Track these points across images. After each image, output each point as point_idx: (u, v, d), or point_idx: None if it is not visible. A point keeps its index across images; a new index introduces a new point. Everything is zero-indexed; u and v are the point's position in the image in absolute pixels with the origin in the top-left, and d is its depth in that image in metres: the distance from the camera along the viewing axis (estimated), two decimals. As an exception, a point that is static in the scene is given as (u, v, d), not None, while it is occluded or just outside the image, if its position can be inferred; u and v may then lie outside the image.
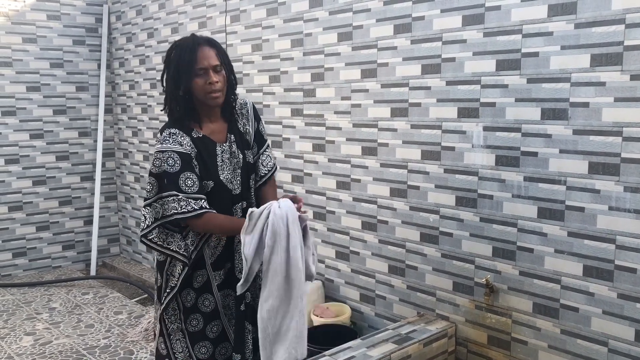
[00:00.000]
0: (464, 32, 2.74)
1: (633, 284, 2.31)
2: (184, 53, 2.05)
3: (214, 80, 2.06)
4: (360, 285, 3.44)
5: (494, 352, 2.81)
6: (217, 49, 2.11)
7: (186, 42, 2.09)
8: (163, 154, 2.04)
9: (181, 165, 2.03)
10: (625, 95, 2.25)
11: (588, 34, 2.33)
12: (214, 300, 2.23)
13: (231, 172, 2.17)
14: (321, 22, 3.42)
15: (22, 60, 5.03)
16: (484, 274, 2.78)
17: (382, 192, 3.23)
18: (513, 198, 2.64)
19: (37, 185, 5.21)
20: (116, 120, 5.58)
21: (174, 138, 2.06)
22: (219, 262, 2.22)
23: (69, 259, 5.44)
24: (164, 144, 2.05)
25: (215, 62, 2.08)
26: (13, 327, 3.99)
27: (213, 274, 2.21)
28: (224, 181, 2.13)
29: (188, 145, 2.08)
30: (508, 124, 2.62)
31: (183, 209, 2.02)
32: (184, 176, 2.03)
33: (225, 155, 2.15)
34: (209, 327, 2.25)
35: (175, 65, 2.07)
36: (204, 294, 2.22)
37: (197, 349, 2.24)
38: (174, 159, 2.03)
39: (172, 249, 2.13)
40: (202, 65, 2.05)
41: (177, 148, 2.05)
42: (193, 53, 2.05)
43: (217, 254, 2.21)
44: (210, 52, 2.08)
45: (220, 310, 2.25)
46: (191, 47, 2.06)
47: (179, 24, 4.55)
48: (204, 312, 2.23)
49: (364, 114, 3.26)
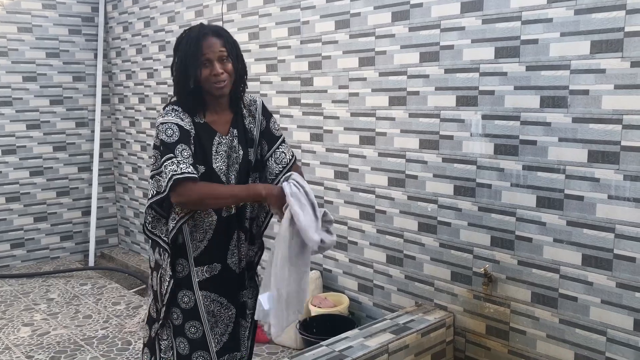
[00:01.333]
0: (463, 19, 2.70)
1: (632, 273, 2.29)
2: (190, 43, 2.04)
3: (218, 71, 2.04)
4: (359, 275, 3.43)
5: (493, 342, 2.80)
6: (224, 38, 2.08)
7: (193, 32, 2.07)
8: (163, 125, 2.03)
9: (179, 137, 2.01)
10: (625, 82, 2.22)
11: (588, 20, 2.29)
12: (193, 297, 2.13)
13: (226, 165, 2.13)
14: (318, 10, 3.38)
15: (17, 50, 4.99)
16: (483, 263, 2.77)
17: (380, 181, 3.20)
18: (512, 187, 2.62)
19: (34, 175, 5.19)
20: (113, 110, 5.55)
21: (176, 113, 2.05)
22: (203, 258, 2.14)
23: (67, 249, 5.43)
24: (165, 116, 2.04)
25: (221, 52, 2.06)
26: (11, 318, 3.99)
27: (195, 269, 2.14)
28: (216, 170, 2.10)
29: (188, 124, 2.06)
30: (507, 112, 2.59)
31: (183, 170, 1.95)
32: (181, 147, 2.01)
33: (222, 147, 2.11)
34: (187, 325, 2.15)
35: (183, 55, 2.05)
36: (184, 290, 2.14)
37: (178, 342, 2.16)
38: (172, 129, 2.01)
39: (155, 234, 2.12)
40: (207, 55, 2.03)
41: (177, 121, 2.03)
42: (199, 43, 2.03)
43: (201, 247, 2.13)
44: (216, 42, 2.05)
45: (201, 312, 2.14)
46: (197, 37, 2.04)
47: (175, 13, 4.51)
48: (183, 309, 2.14)
49: (361, 103, 3.23)
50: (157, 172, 2.05)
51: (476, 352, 2.87)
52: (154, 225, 2.13)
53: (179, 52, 2.07)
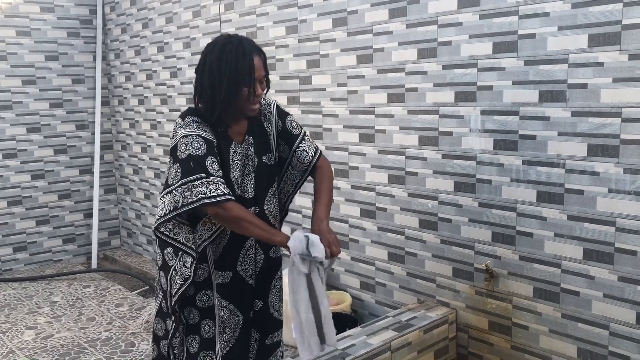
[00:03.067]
0: (460, 15, 2.70)
1: (633, 266, 2.29)
2: (242, 61, 1.97)
3: (260, 92, 2.03)
4: (360, 273, 3.43)
5: (495, 338, 2.79)
6: (264, 58, 2.06)
7: (240, 47, 2.00)
8: (187, 138, 1.98)
9: (207, 149, 1.98)
10: (624, 75, 2.21)
11: (585, 14, 2.28)
12: (212, 296, 2.16)
13: (241, 174, 2.11)
14: (315, 8, 3.37)
15: (16, 54, 4.99)
16: (484, 259, 2.77)
17: (380, 179, 3.20)
18: (512, 182, 2.61)
19: (35, 179, 5.20)
20: (113, 112, 5.55)
21: (197, 125, 2.01)
22: (220, 262, 2.15)
23: (70, 252, 5.44)
24: (187, 128, 2.00)
25: (263, 73, 2.04)
26: (15, 322, 4.00)
27: (214, 272, 2.15)
28: (232, 179, 2.08)
29: (210, 134, 2.03)
30: (506, 108, 2.59)
31: (212, 193, 1.92)
32: (210, 159, 1.97)
33: (237, 155, 2.10)
34: (203, 324, 2.17)
35: (233, 69, 1.97)
36: (203, 289, 2.15)
37: (189, 340, 2.19)
38: (199, 142, 1.97)
39: (179, 240, 2.08)
40: (255, 74, 2.00)
41: (201, 133, 2.00)
42: (250, 62, 1.98)
43: (219, 251, 2.14)
44: (260, 62, 2.03)
45: (216, 312, 2.16)
46: (249, 53, 1.99)
47: (173, 14, 4.51)
48: (200, 307, 2.16)
49: (360, 101, 3.23)
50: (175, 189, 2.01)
51: (479, 348, 2.87)
52: (176, 232, 2.09)
53: (228, 66, 1.97)
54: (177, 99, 4.62)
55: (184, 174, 1.98)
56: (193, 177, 1.95)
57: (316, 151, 2.25)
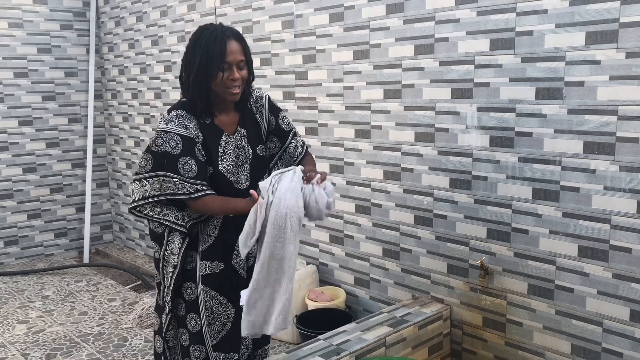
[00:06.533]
0: (457, 11, 2.69)
1: (628, 263, 2.30)
2: (214, 43, 2.00)
3: (236, 76, 2.04)
4: (355, 269, 3.43)
5: (489, 334, 2.80)
6: (243, 44, 2.07)
7: (214, 31, 2.03)
8: (167, 134, 2.02)
9: (182, 149, 2.02)
10: (620, 73, 2.22)
11: (583, 11, 2.29)
12: (196, 290, 2.16)
13: (234, 165, 2.12)
14: (312, 3, 3.36)
15: (8, 46, 4.94)
16: (479, 255, 2.77)
17: (376, 175, 3.20)
18: (508, 179, 2.62)
19: (27, 172, 5.15)
20: (106, 106, 5.51)
21: (180, 120, 2.04)
22: (208, 253, 2.15)
23: (62, 246, 5.40)
24: (169, 124, 2.03)
25: (241, 57, 2.05)
26: (6, 316, 3.96)
27: (200, 262, 2.15)
28: (222, 171, 2.09)
29: (194, 129, 2.05)
30: (502, 104, 2.59)
31: (179, 191, 2.01)
32: (183, 160, 2.02)
33: (229, 146, 2.12)
34: (188, 317, 2.18)
35: (205, 54, 2.01)
36: (188, 282, 2.16)
37: (180, 333, 2.22)
38: (176, 141, 2.02)
39: (169, 220, 2.10)
40: (229, 59, 2.01)
41: (181, 131, 2.03)
42: (223, 45, 2.00)
43: (209, 242, 2.15)
44: (238, 48, 2.04)
45: (200, 307, 2.16)
46: (221, 38, 2.01)
47: (167, 7, 4.48)
48: (186, 300, 2.17)
49: (356, 96, 3.22)
50: (144, 178, 2.07)
51: (473, 344, 2.88)
52: (165, 213, 2.10)
53: (200, 50, 2.01)
54: (171, 93, 4.59)
55: (154, 168, 2.04)
56: (160, 172, 2.03)
57: (303, 145, 2.36)
